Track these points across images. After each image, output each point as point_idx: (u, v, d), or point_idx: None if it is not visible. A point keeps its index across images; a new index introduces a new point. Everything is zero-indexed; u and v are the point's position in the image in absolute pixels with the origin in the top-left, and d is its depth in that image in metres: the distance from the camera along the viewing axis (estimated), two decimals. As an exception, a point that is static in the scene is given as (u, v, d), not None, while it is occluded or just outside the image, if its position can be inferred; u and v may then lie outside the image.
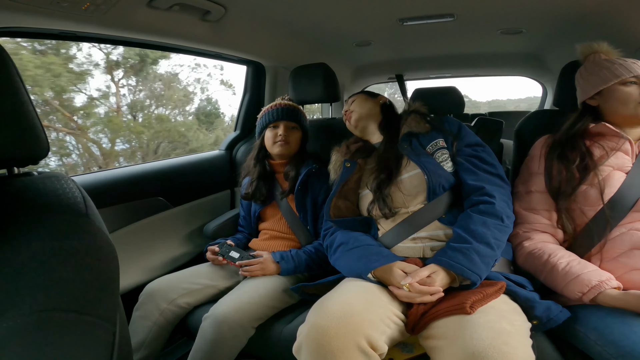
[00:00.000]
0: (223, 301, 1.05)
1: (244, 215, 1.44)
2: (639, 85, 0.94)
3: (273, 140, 1.32)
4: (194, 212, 1.57)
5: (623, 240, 0.88)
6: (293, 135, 1.34)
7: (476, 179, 0.98)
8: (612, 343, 0.74)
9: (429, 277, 0.84)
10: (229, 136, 1.94)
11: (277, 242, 1.30)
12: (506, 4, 1.38)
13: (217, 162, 1.79)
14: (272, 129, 1.33)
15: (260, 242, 1.33)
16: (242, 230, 1.45)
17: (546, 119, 1.21)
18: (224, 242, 1.27)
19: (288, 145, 1.31)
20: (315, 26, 1.67)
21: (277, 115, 1.33)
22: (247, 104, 1.99)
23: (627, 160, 0.94)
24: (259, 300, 1.05)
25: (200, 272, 1.22)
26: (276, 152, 1.33)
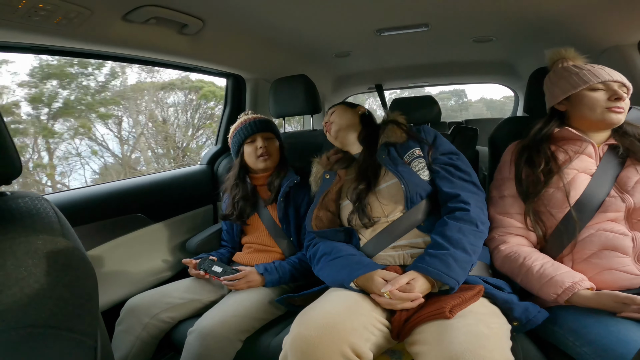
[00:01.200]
0: (208, 315, 1.03)
1: (227, 229, 1.42)
2: (606, 91, 0.97)
3: (255, 155, 1.31)
4: (175, 228, 1.55)
5: (592, 241, 0.91)
6: (272, 146, 1.34)
7: (452, 187, 1.00)
8: (589, 343, 0.76)
9: (408, 283, 0.86)
10: (209, 150, 1.93)
11: (261, 255, 1.29)
12: (477, 14, 1.44)
13: (198, 177, 1.76)
14: (250, 144, 1.32)
15: (244, 256, 1.32)
16: (226, 245, 1.43)
17: (518, 125, 1.26)
18: (206, 257, 1.25)
19: (271, 157, 1.32)
20: (294, 38, 1.69)
21: (252, 129, 1.32)
22: (227, 117, 1.98)
23: (592, 163, 0.98)
24: (245, 312, 1.04)
25: (183, 286, 1.21)
26: (261, 167, 1.32)
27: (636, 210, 0.89)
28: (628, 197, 0.90)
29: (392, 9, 1.38)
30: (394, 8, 1.37)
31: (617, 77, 0.97)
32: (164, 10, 1.17)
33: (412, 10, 1.40)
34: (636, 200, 0.89)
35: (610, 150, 0.98)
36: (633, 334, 0.72)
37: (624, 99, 0.95)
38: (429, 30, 1.61)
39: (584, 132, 1.01)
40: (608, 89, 0.96)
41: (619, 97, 0.94)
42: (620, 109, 0.95)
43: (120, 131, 5.99)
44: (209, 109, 6.76)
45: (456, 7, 1.36)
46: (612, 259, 0.87)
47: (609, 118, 0.95)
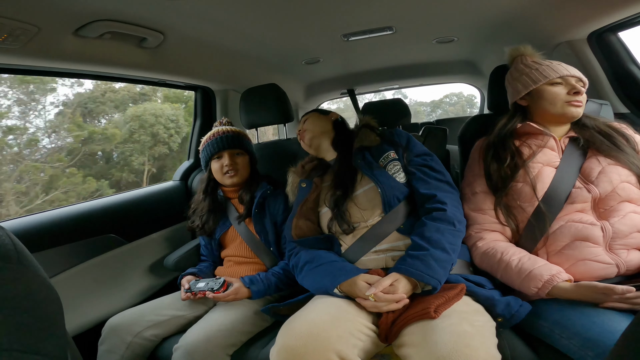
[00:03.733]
0: (193, 330, 1.01)
1: (205, 244, 1.39)
2: (564, 85, 1.01)
3: (221, 172, 1.29)
4: (152, 246, 1.51)
5: (563, 232, 0.92)
6: (240, 162, 1.31)
7: (428, 188, 1.02)
8: (576, 335, 0.77)
9: (391, 285, 0.87)
10: (182, 166, 1.88)
11: (243, 267, 1.27)
12: (438, 15, 1.48)
13: (172, 193, 1.72)
14: (217, 160, 1.30)
15: (225, 270, 1.30)
16: (206, 259, 1.40)
17: (484, 123, 1.29)
18: (191, 273, 1.24)
19: (238, 174, 1.30)
20: (261, 47, 1.68)
21: (219, 145, 1.30)
22: (198, 131, 1.93)
23: (555, 155, 1.01)
24: (231, 326, 1.03)
25: (165, 303, 1.19)
26: (228, 183, 1.31)
27: (602, 199, 0.92)
28: (593, 187, 0.93)
29: (357, 14, 1.40)
30: (359, 12, 1.39)
31: (574, 72, 1.01)
32: (118, 25, 1.13)
33: (376, 14, 1.43)
34: (601, 190, 0.92)
35: (572, 143, 1.01)
36: (617, 325, 0.74)
37: (582, 93, 0.99)
38: (394, 33, 1.64)
39: (545, 126, 1.04)
40: (567, 84, 1.00)
41: (578, 91, 0.98)
42: (579, 103, 0.99)
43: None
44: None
45: (417, 9, 1.39)
46: (584, 250, 0.89)
47: (569, 111, 0.99)
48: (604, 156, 0.95)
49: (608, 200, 0.91)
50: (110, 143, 7.43)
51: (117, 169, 7.69)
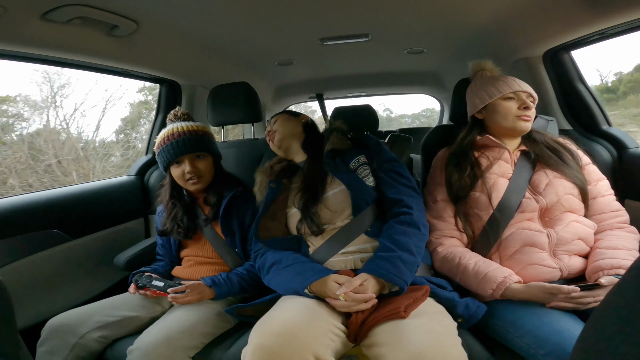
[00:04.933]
0: (150, 332, 0.97)
1: (162, 243, 1.32)
2: (516, 100, 1.08)
3: (183, 179, 1.20)
4: (101, 244, 1.44)
5: (514, 239, 0.99)
6: (203, 165, 1.21)
7: (396, 192, 1.05)
8: (527, 334, 0.83)
9: (361, 285, 0.88)
10: (139, 160, 1.80)
11: (204, 267, 1.22)
12: (412, 25, 1.53)
13: (126, 188, 1.64)
14: (177, 166, 1.19)
15: (184, 270, 1.24)
16: (162, 259, 1.33)
17: (446, 133, 1.36)
18: (142, 272, 1.17)
19: (201, 179, 1.21)
20: (236, 45, 1.65)
21: (178, 150, 1.17)
22: (160, 126, 1.86)
23: (508, 167, 1.08)
24: (192, 327, 0.98)
25: (115, 303, 1.12)
26: (191, 189, 1.23)
27: (548, 209, 1.00)
28: (540, 198, 1.01)
29: (336, 19, 1.42)
30: (338, 17, 1.40)
31: (525, 88, 1.09)
32: (91, 10, 1.07)
33: (354, 20, 1.45)
34: (548, 201, 1.00)
35: (523, 156, 1.09)
36: (564, 324, 0.80)
37: (531, 108, 1.08)
38: (369, 41, 1.68)
39: (500, 140, 1.11)
40: (518, 99, 1.08)
41: (527, 106, 1.06)
42: (528, 117, 1.07)
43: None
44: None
45: (394, 18, 1.43)
46: (533, 255, 0.96)
47: (519, 126, 1.07)
48: (551, 169, 1.04)
49: (553, 210, 0.99)
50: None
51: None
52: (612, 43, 1.38)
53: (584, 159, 1.09)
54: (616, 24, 1.17)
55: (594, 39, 1.32)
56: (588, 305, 0.84)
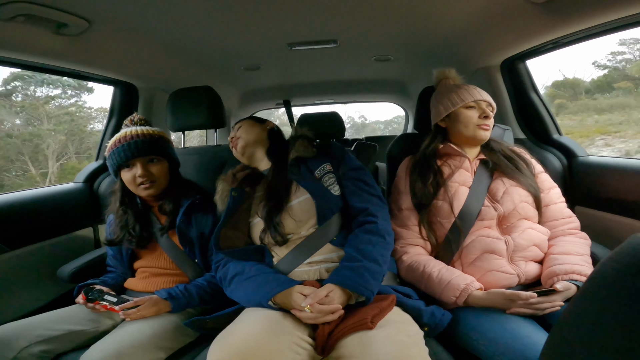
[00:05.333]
0: (99, 346, 0.91)
1: (113, 254, 1.24)
2: (477, 109, 1.11)
3: (134, 184, 1.13)
4: (43, 255, 1.35)
5: (475, 246, 1.01)
6: (157, 170, 1.14)
7: (361, 201, 1.04)
8: (490, 341, 0.84)
9: (327, 296, 0.86)
10: (87, 167, 1.69)
11: (160, 279, 1.16)
12: (379, 32, 1.55)
13: (72, 196, 1.53)
14: (128, 170, 1.13)
15: (139, 282, 1.17)
16: (113, 270, 1.25)
17: (410, 141, 1.38)
18: (89, 284, 1.11)
19: (156, 184, 1.14)
20: (200, 47, 1.59)
21: (129, 153, 1.11)
22: (112, 130, 1.76)
23: (469, 176, 1.11)
24: (147, 342, 0.93)
25: (58, 316, 1.04)
26: (143, 195, 1.16)
27: (505, 217, 1.03)
28: (498, 205, 1.04)
29: (305, 24, 1.41)
30: (306, 23, 1.39)
31: (485, 97, 1.12)
32: (37, 8, 1.00)
33: (322, 26, 1.44)
34: (505, 208, 1.03)
35: (482, 165, 1.12)
36: (524, 330, 0.82)
37: (490, 117, 1.11)
38: (338, 47, 1.68)
39: (461, 148, 1.14)
40: (479, 108, 1.10)
41: (487, 115, 1.09)
42: (487, 127, 1.10)
43: None
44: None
45: (362, 25, 1.44)
46: (492, 261, 0.99)
47: (479, 135, 1.10)
48: (508, 178, 1.07)
49: (510, 218, 1.02)
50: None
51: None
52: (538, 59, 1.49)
53: (537, 168, 1.14)
54: (568, 33, 1.23)
55: (547, 48, 1.39)
56: (545, 311, 0.87)
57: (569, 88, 6.19)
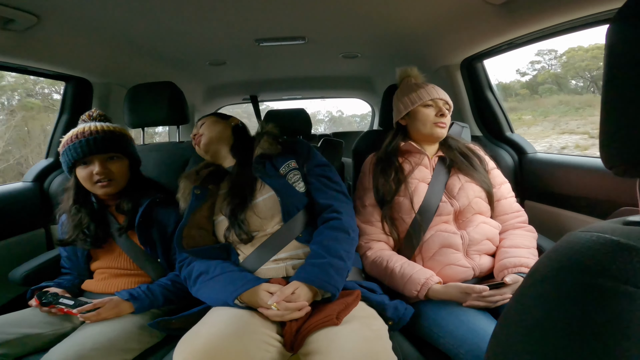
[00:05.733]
0: (58, 350, 0.88)
1: (68, 255, 1.18)
2: (434, 107, 1.14)
3: (91, 182, 1.08)
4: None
5: (434, 241, 1.05)
6: (116, 168, 1.10)
7: (326, 198, 1.05)
8: (449, 334, 0.88)
9: (293, 293, 0.87)
10: (37, 165, 1.59)
11: (121, 280, 1.12)
12: (346, 30, 1.56)
13: (21, 196, 1.45)
14: (85, 167, 1.08)
15: (97, 283, 1.13)
16: (69, 272, 1.19)
17: (375, 138, 1.40)
18: (42, 287, 1.07)
19: (114, 182, 1.10)
20: (161, 43, 1.53)
21: (86, 149, 1.06)
22: (64, 127, 1.65)
23: (428, 173, 1.15)
24: (109, 344, 0.90)
25: (11, 320, 1.00)
26: (100, 193, 1.11)
27: (461, 212, 1.08)
28: (455, 201, 1.09)
29: (272, 20, 1.39)
30: (274, 19, 1.38)
31: (442, 95, 1.16)
32: None
33: (290, 22, 1.43)
34: (460, 204, 1.08)
35: (440, 162, 1.16)
36: (479, 322, 0.87)
37: (447, 116, 1.15)
38: (306, 43, 1.67)
39: (420, 145, 1.18)
40: (436, 106, 1.14)
41: (443, 113, 1.14)
42: (444, 124, 1.14)
43: None
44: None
45: (330, 22, 1.44)
46: (449, 256, 1.03)
47: (435, 132, 1.14)
48: (463, 174, 1.12)
49: (465, 213, 1.08)
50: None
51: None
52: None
53: (490, 164, 1.20)
54: (523, 34, 1.30)
55: (503, 48, 1.47)
56: (497, 303, 0.93)
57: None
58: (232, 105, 3.17)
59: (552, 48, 3.99)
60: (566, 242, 0.34)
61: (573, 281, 0.31)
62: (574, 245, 0.33)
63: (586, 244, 0.32)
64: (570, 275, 0.31)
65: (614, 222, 0.36)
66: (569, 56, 3.96)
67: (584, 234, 0.34)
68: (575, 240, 0.33)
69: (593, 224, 0.36)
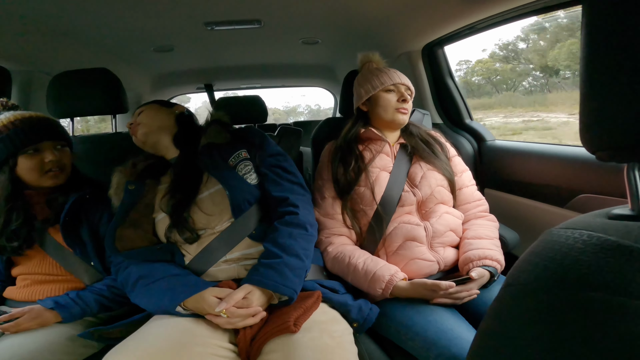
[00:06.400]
0: None
1: None
2: (396, 92, 1.09)
3: (39, 172, 0.98)
4: None
5: (397, 233, 0.99)
6: (66, 157, 1.03)
7: (280, 190, 0.97)
8: (417, 335, 0.82)
9: (245, 298, 0.79)
10: None
11: (46, 286, 1.01)
12: (306, 14, 1.47)
13: None
14: (32, 156, 0.97)
15: (19, 291, 1.02)
16: None
17: (335, 126, 1.34)
18: None
19: (64, 172, 1.02)
20: (96, 27, 1.37)
21: (34, 136, 0.97)
22: None
23: (389, 161, 1.10)
24: (30, 356, 0.83)
25: None
26: (49, 184, 1.00)
27: (424, 202, 1.03)
28: (417, 190, 1.04)
29: (224, 2, 1.27)
30: (226, 1, 1.26)
31: (404, 81, 1.11)
32: None
33: (244, 5, 1.33)
34: (423, 193, 1.03)
35: (402, 149, 1.11)
36: (447, 322, 0.82)
37: (408, 101, 1.10)
38: (262, 28, 1.57)
39: (382, 132, 1.12)
40: (398, 91, 1.09)
41: (405, 99, 1.08)
42: (405, 110, 1.09)
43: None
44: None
45: (287, 4, 1.35)
46: (413, 249, 0.97)
47: (397, 118, 1.09)
48: (425, 162, 1.08)
49: (428, 203, 1.03)
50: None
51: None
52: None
53: (451, 151, 1.17)
54: (483, 18, 1.28)
55: (464, 33, 1.44)
56: (464, 300, 0.89)
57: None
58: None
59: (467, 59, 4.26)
60: (549, 242, 0.28)
61: (569, 297, 0.25)
62: (561, 247, 0.27)
63: (577, 246, 0.26)
64: (563, 290, 0.25)
65: (597, 215, 0.31)
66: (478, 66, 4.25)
67: (570, 231, 0.28)
68: (561, 241, 0.28)
69: (575, 219, 0.30)
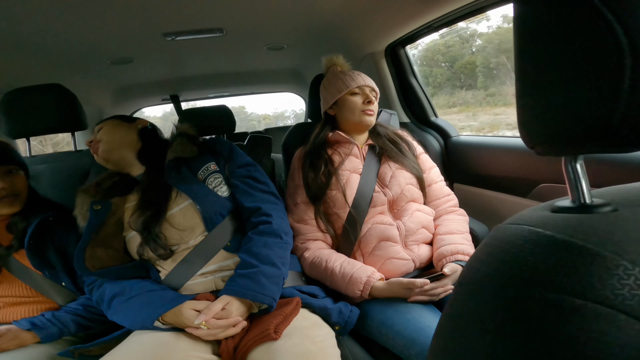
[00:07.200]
0: None
1: None
2: (361, 94, 1.10)
3: None
4: None
5: (371, 234, 1.00)
6: (19, 182, 1.01)
7: (253, 200, 0.96)
8: (397, 334, 0.83)
9: (224, 309, 0.80)
10: None
11: (19, 308, 0.99)
12: (269, 21, 1.46)
13: None
14: None
15: None
16: None
17: (305, 132, 1.32)
18: None
19: (19, 198, 1.00)
20: (45, 41, 1.30)
21: None
22: None
23: (359, 163, 1.11)
24: None
25: None
26: (4, 212, 0.99)
27: (395, 201, 1.05)
28: (387, 190, 1.05)
29: (182, 11, 1.24)
30: (184, 9, 1.23)
31: (369, 82, 1.12)
32: None
33: (204, 14, 1.29)
34: (393, 193, 1.05)
35: (370, 150, 1.13)
36: (425, 319, 0.84)
37: (374, 103, 1.11)
38: (224, 36, 1.54)
39: (350, 135, 1.13)
40: (363, 93, 1.10)
41: (370, 100, 1.10)
42: (371, 112, 1.10)
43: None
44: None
45: (249, 12, 1.33)
46: (388, 249, 0.99)
47: (364, 120, 1.10)
48: (393, 161, 1.10)
49: (399, 202, 1.05)
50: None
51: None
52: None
53: (418, 149, 1.19)
54: (440, 16, 1.30)
55: (423, 31, 1.47)
56: (440, 296, 0.91)
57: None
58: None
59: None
60: (496, 238, 0.29)
61: (511, 295, 0.25)
62: (505, 243, 0.28)
63: (517, 242, 0.27)
64: (503, 287, 0.26)
65: (542, 208, 0.32)
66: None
67: (514, 227, 0.29)
68: (505, 237, 0.29)
69: (521, 213, 0.32)
